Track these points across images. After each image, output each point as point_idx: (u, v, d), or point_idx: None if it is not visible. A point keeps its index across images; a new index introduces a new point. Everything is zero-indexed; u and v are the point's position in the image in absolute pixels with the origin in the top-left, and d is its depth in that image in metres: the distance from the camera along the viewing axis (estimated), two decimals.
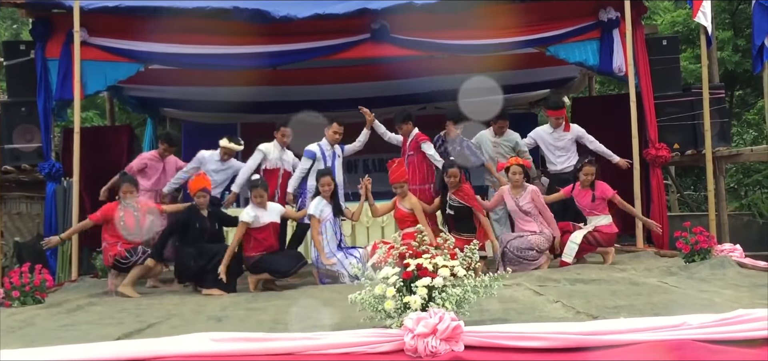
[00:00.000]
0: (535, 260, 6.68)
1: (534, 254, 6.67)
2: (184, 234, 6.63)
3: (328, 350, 3.12)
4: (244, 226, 6.51)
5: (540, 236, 6.73)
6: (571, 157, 7.85)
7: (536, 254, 6.69)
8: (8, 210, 11.09)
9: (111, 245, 6.58)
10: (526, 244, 6.68)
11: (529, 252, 6.66)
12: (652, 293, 4.73)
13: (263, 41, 8.15)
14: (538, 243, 6.69)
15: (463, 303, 3.41)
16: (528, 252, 6.66)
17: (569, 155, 7.89)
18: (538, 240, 6.70)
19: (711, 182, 8.36)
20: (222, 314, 4.87)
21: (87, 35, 7.82)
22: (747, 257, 6.22)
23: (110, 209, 6.67)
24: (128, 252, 6.49)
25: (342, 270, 6.55)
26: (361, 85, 10.27)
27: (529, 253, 6.66)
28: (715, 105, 8.42)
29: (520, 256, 6.64)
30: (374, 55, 8.55)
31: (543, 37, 8.36)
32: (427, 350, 3.00)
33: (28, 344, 3.69)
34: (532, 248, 6.67)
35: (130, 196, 6.66)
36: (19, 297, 5.67)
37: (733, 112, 14.71)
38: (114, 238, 6.58)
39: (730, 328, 3.11)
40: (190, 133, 11.43)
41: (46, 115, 7.93)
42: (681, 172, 15.71)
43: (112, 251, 6.54)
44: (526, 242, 6.69)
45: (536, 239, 6.71)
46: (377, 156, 11.01)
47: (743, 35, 13.95)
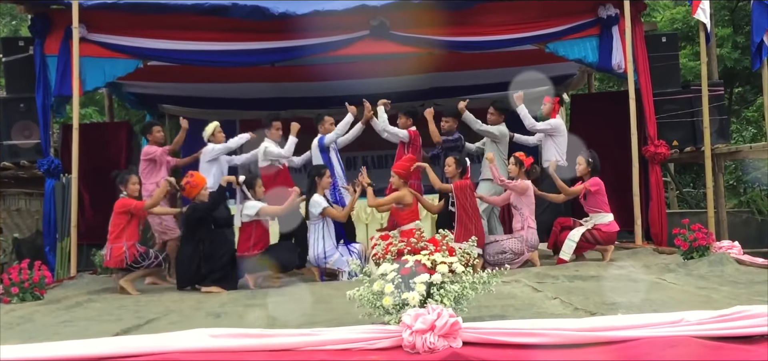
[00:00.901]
0: (513, 260, 6.69)
1: (508, 256, 6.69)
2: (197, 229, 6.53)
3: (327, 347, 3.13)
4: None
5: (515, 239, 6.76)
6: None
7: (511, 255, 6.71)
8: (7, 207, 11.08)
9: (132, 245, 6.42)
10: (500, 248, 6.75)
11: (502, 256, 6.69)
12: (650, 290, 4.74)
13: (262, 38, 8.14)
14: (512, 247, 6.74)
15: (461, 300, 3.41)
16: (501, 256, 6.69)
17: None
18: (512, 244, 6.75)
19: (710, 179, 8.37)
20: (221, 310, 4.88)
21: (86, 31, 7.81)
22: (745, 253, 6.23)
23: (138, 205, 6.56)
24: (142, 255, 6.47)
25: (343, 267, 6.56)
26: (360, 82, 10.25)
27: (504, 256, 6.68)
28: (714, 102, 8.42)
29: (496, 261, 6.61)
30: (373, 52, 8.54)
31: (542, 34, 8.35)
32: (426, 347, 3.01)
33: (27, 340, 3.69)
34: (505, 251, 6.72)
35: (139, 188, 6.68)
36: (18, 293, 5.68)
37: (733, 110, 14.70)
38: (134, 238, 6.49)
39: (728, 324, 3.11)
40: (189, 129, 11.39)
41: (45, 112, 7.91)
42: (680, 169, 15.72)
43: (132, 252, 6.39)
44: (500, 246, 6.77)
45: (511, 243, 6.76)
46: (376, 153, 11.02)
47: (743, 32, 13.93)
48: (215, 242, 6.53)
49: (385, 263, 3.54)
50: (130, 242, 6.42)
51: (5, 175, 8.56)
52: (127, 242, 6.40)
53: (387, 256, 3.61)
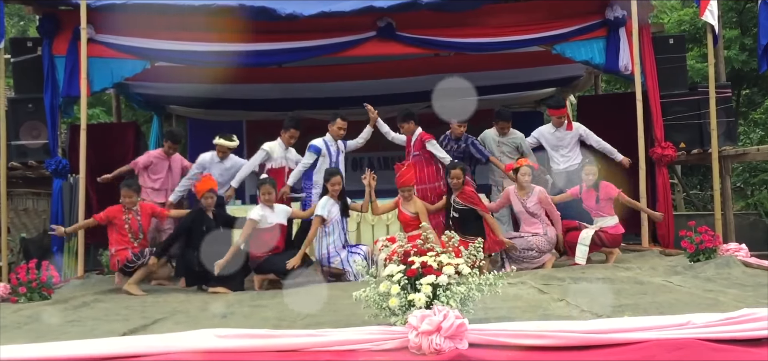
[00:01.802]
0: (535, 259, 6.71)
1: (534, 255, 6.70)
2: (190, 237, 6.64)
3: (333, 347, 3.13)
4: (253, 224, 6.51)
5: (542, 237, 6.73)
6: (573, 156, 7.86)
7: (537, 254, 6.70)
8: (15, 206, 11.13)
9: (119, 250, 6.59)
10: (526, 244, 6.72)
11: (529, 252, 6.69)
12: (656, 292, 4.72)
13: (269, 39, 8.16)
14: (539, 244, 6.71)
15: (467, 301, 3.41)
16: (528, 252, 6.69)
17: (572, 154, 7.89)
18: (538, 241, 6.72)
19: (717, 181, 8.33)
20: (227, 311, 4.89)
21: (94, 32, 7.84)
22: (752, 256, 6.21)
23: (115, 212, 6.69)
24: (135, 255, 6.51)
25: (347, 268, 6.56)
26: (366, 83, 10.26)
27: (529, 253, 6.69)
28: (721, 104, 8.39)
29: (521, 256, 6.67)
30: (380, 53, 8.56)
31: (549, 36, 8.33)
32: (432, 348, 3.01)
33: (34, 339, 3.71)
34: (532, 249, 6.69)
35: (129, 201, 6.69)
36: (25, 293, 5.71)
37: (740, 111, 14.62)
38: (122, 243, 6.61)
39: (735, 327, 3.11)
40: (196, 130, 11.43)
41: (53, 112, 7.93)
42: (687, 171, 15.65)
43: (121, 256, 6.55)
44: (526, 242, 6.73)
45: (537, 240, 6.72)
46: (382, 154, 11.02)
47: (750, 34, 13.83)
48: (220, 244, 6.57)
49: (392, 264, 3.54)
50: (120, 246, 6.57)
51: (13, 175, 8.59)
52: (117, 246, 6.59)
53: (394, 258, 3.61)
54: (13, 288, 5.77)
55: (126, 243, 6.60)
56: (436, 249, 3.59)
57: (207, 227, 6.62)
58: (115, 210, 6.70)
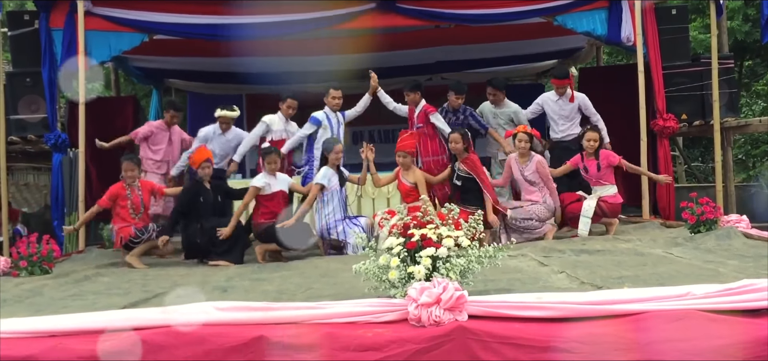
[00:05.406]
0: (536, 229, 6.71)
1: (535, 224, 6.69)
2: (189, 210, 6.64)
3: (332, 320, 3.13)
4: (255, 191, 6.55)
5: (541, 205, 6.73)
6: (573, 126, 7.82)
7: (537, 223, 6.70)
8: (15, 181, 11.15)
9: (122, 227, 6.56)
10: (526, 214, 6.70)
11: (529, 221, 6.68)
12: (657, 264, 4.72)
13: (268, 11, 8.10)
14: (538, 212, 6.71)
15: (467, 273, 3.41)
16: (528, 221, 6.68)
17: (572, 124, 7.85)
18: (538, 209, 6.71)
19: (718, 152, 8.31)
20: (227, 284, 4.90)
21: (91, 5, 7.80)
22: (753, 227, 6.20)
23: (117, 190, 6.65)
24: (139, 231, 6.50)
25: (348, 240, 6.57)
26: (366, 56, 10.18)
27: (530, 222, 6.68)
28: (724, 75, 8.34)
29: (521, 226, 6.65)
30: (380, 25, 8.49)
31: (550, 7, 8.27)
32: (431, 320, 3.01)
33: (36, 313, 3.72)
34: (532, 218, 6.69)
35: (130, 174, 6.66)
36: (26, 267, 5.71)
37: (742, 83, 14.56)
38: (125, 221, 6.59)
39: (735, 298, 3.10)
40: (196, 104, 11.40)
41: (52, 86, 7.91)
42: (689, 143, 15.63)
43: (124, 233, 6.52)
44: (526, 211, 6.71)
45: (536, 208, 6.71)
46: (383, 127, 10.99)
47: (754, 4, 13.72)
48: (220, 215, 6.60)
49: (392, 236, 3.53)
50: (124, 223, 6.55)
51: (13, 150, 8.58)
52: (121, 223, 6.57)
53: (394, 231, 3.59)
54: (14, 262, 5.78)
55: (128, 220, 6.59)
56: (435, 221, 3.58)
57: (204, 199, 6.63)
58: (116, 189, 6.65)
